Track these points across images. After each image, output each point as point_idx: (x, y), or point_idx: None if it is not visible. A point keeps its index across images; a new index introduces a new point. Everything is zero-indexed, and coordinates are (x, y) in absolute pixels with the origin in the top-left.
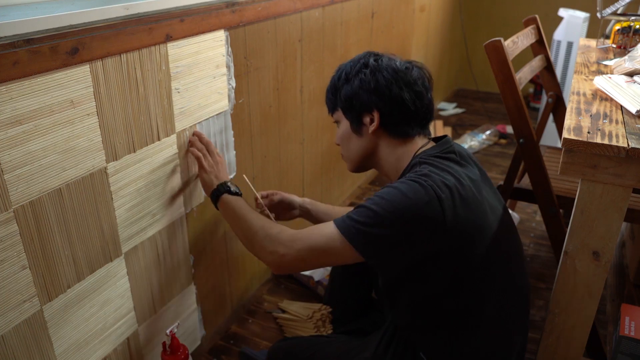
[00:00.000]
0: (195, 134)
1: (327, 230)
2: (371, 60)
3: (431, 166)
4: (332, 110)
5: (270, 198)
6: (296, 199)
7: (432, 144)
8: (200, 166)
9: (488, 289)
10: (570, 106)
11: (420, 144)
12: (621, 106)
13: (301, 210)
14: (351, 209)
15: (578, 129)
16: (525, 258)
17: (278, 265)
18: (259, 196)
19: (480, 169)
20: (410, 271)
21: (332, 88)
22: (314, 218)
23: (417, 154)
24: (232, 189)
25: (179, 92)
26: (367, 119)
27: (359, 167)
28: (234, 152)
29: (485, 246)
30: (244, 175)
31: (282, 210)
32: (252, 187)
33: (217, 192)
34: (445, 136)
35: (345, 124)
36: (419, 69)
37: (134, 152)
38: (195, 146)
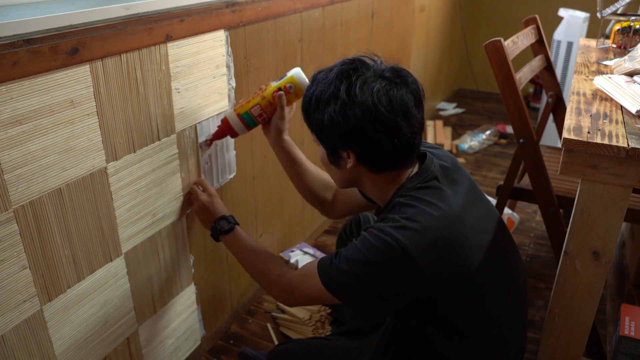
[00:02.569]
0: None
1: (315, 281)
2: (342, 89)
3: (409, 208)
4: (309, 128)
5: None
6: (287, 137)
7: (416, 167)
8: (194, 212)
9: (481, 312)
10: (570, 106)
11: (406, 172)
12: (621, 106)
13: (286, 146)
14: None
15: (578, 129)
16: (522, 270)
17: (286, 306)
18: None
19: (469, 181)
20: (396, 315)
21: (305, 110)
22: (287, 162)
23: (401, 185)
24: (224, 229)
25: (179, 92)
26: (343, 154)
27: (345, 188)
28: (234, 152)
29: (474, 278)
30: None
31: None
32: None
33: (214, 235)
34: (425, 156)
35: (322, 149)
36: (405, 88)
37: (134, 152)
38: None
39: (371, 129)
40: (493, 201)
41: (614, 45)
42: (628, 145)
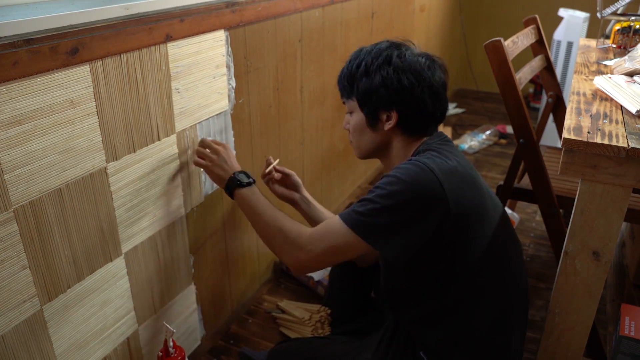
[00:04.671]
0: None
1: (338, 227)
2: (394, 56)
3: (434, 151)
4: (345, 97)
5: (283, 171)
6: (303, 188)
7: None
8: (204, 166)
9: (486, 283)
10: (570, 106)
11: (425, 138)
12: (621, 106)
13: (302, 199)
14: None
15: (578, 129)
16: (522, 256)
17: (298, 268)
18: (273, 162)
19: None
20: (412, 264)
21: (349, 77)
22: (306, 213)
23: (422, 142)
24: (243, 181)
25: (179, 92)
26: (383, 116)
27: (368, 156)
28: (234, 152)
29: (486, 235)
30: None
31: (286, 185)
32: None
33: (228, 189)
34: (439, 132)
35: (359, 115)
36: (440, 67)
37: (134, 152)
38: (197, 154)
39: (419, 90)
40: None
41: (614, 45)
42: (628, 145)
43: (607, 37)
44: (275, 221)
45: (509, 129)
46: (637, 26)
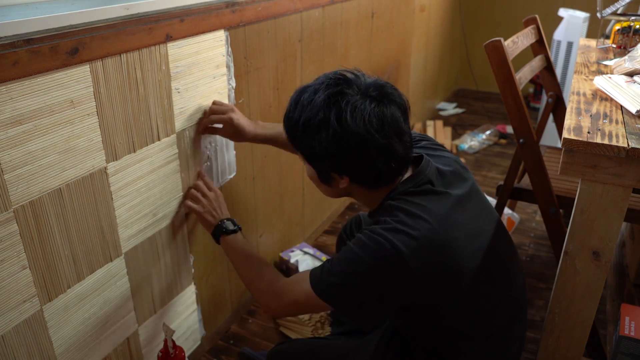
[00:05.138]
0: (198, 178)
1: (305, 286)
2: (332, 117)
3: (402, 212)
4: (292, 146)
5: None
6: (248, 129)
7: (409, 170)
8: (196, 211)
9: (477, 313)
10: (570, 106)
11: (400, 180)
12: (621, 106)
13: (257, 135)
14: None
15: (578, 129)
16: (521, 269)
17: (272, 315)
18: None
19: (470, 184)
20: (393, 317)
21: (290, 131)
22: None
23: (393, 188)
24: (229, 229)
25: (179, 92)
26: (335, 176)
27: (336, 198)
28: (234, 152)
29: (467, 281)
30: None
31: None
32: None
33: (215, 235)
34: (421, 158)
35: (310, 167)
36: (393, 104)
37: (134, 152)
38: (190, 196)
39: (366, 155)
40: (493, 202)
41: (614, 45)
42: (628, 145)
43: (607, 37)
44: (252, 269)
45: (509, 129)
46: (637, 26)
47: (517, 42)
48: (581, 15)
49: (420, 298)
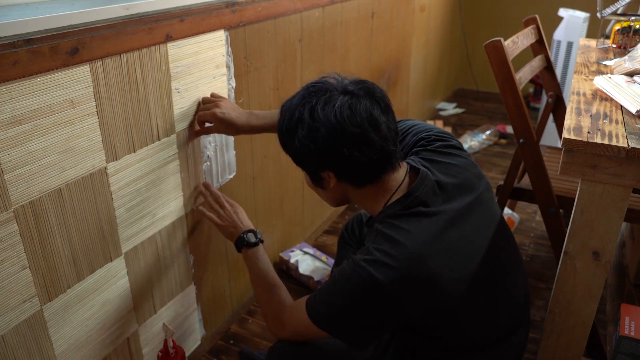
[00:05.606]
0: (204, 185)
1: (303, 317)
2: (306, 113)
3: (385, 239)
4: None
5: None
6: (239, 121)
7: (406, 182)
8: (217, 224)
9: (475, 324)
10: (570, 106)
11: (394, 182)
12: (621, 106)
13: (258, 129)
14: None
15: (578, 129)
16: (522, 270)
17: (281, 338)
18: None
19: (477, 191)
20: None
21: (280, 140)
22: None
23: (386, 204)
24: (251, 241)
25: (179, 92)
26: (324, 175)
27: (339, 206)
28: (234, 152)
29: (461, 299)
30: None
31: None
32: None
33: (237, 246)
34: (419, 171)
35: (304, 174)
36: (369, 99)
37: (134, 152)
38: (206, 203)
39: (341, 145)
40: None
41: (614, 45)
42: (628, 145)
43: (607, 37)
44: (264, 291)
45: (509, 129)
46: (637, 26)
47: (517, 42)
48: (581, 15)
49: (412, 320)
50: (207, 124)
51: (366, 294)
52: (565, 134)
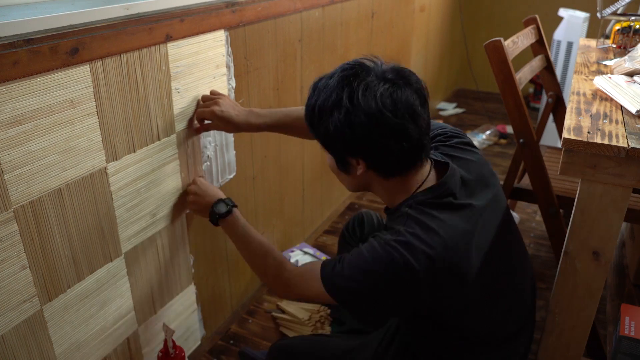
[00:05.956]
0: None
1: (316, 284)
2: (344, 96)
3: (417, 224)
4: (313, 136)
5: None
6: (238, 119)
7: (433, 175)
8: (192, 211)
9: (484, 318)
10: (570, 106)
11: (419, 177)
12: (621, 106)
13: (252, 124)
14: None
15: (578, 129)
16: (530, 272)
17: (282, 298)
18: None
19: (493, 189)
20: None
21: (309, 120)
22: (282, 128)
23: (413, 193)
24: (222, 211)
25: (179, 92)
26: (352, 161)
27: (358, 191)
28: (234, 152)
29: (475, 293)
30: None
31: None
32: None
33: (213, 221)
34: (447, 165)
35: (330, 157)
36: (409, 88)
37: (134, 152)
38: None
39: (378, 135)
40: None
41: (614, 45)
42: (628, 145)
43: (607, 37)
44: (256, 258)
45: (509, 129)
46: (637, 26)
47: (517, 42)
48: (581, 15)
49: (427, 309)
50: (206, 121)
51: (396, 276)
52: (565, 134)
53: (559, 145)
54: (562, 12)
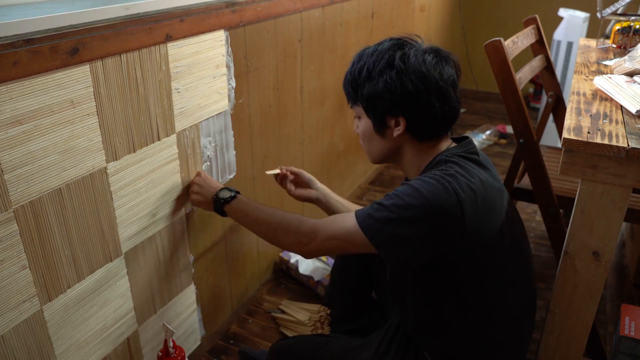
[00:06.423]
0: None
1: (348, 223)
2: (397, 58)
3: (457, 166)
4: (351, 103)
5: (291, 170)
6: (316, 181)
7: (453, 143)
8: (194, 203)
9: (495, 294)
10: (570, 106)
11: (444, 144)
12: (621, 106)
13: (319, 195)
14: (359, 207)
15: (578, 129)
16: (532, 264)
17: (304, 254)
18: (282, 170)
19: (495, 175)
20: (420, 271)
21: (353, 82)
22: (325, 206)
23: (441, 151)
24: (226, 197)
25: (179, 92)
26: (391, 122)
27: (381, 162)
28: (234, 152)
29: (500, 253)
30: (267, 172)
31: (300, 184)
32: (273, 172)
33: (217, 207)
34: (467, 137)
35: (366, 121)
36: (449, 64)
37: (134, 152)
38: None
39: (425, 94)
40: None
41: (614, 45)
42: (628, 145)
43: (607, 37)
44: (273, 217)
45: (509, 129)
46: (637, 26)
47: (517, 42)
48: (581, 15)
49: (459, 251)
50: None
51: (441, 202)
52: (565, 134)
53: (559, 145)
54: (562, 12)
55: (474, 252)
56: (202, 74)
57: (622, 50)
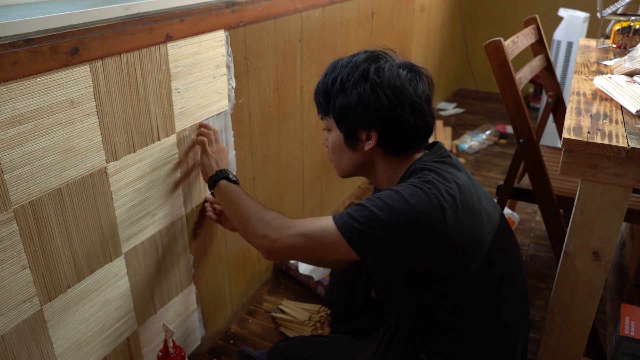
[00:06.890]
0: (201, 125)
1: (324, 222)
2: (372, 71)
3: (433, 172)
4: (322, 115)
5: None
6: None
7: (425, 150)
8: (204, 150)
9: (485, 296)
10: (570, 106)
11: (417, 155)
12: (621, 106)
13: None
14: None
15: (578, 129)
16: (522, 261)
17: (268, 250)
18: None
19: (470, 176)
20: (405, 279)
21: (325, 93)
22: None
23: (416, 160)
24: (230, 177)
25: (179, 92)
26: (363, 135)
27: (350, 176)
28: (234, 152)
29: (483, 255)
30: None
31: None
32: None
33: (215, 178)
34: (436, 142)
35: (337, 134)
36: (423, 79)
37: (134, 152)
38: (201, 132)
39: (400, 108)
40: None
41: (614, 45)
42: (628, 145)
43: (607, 37)
44: (255, 206)
45: (509, 129)
46: (637, 26)
47: (517, 42)
48: (581, 15)
49: (441, 259)
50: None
51: (425, 208)
52: (565, 134)
53: (559, 145)
54: (562, 12)
55: (457, 255)
56: (202, 74)
57: (622, 50)
